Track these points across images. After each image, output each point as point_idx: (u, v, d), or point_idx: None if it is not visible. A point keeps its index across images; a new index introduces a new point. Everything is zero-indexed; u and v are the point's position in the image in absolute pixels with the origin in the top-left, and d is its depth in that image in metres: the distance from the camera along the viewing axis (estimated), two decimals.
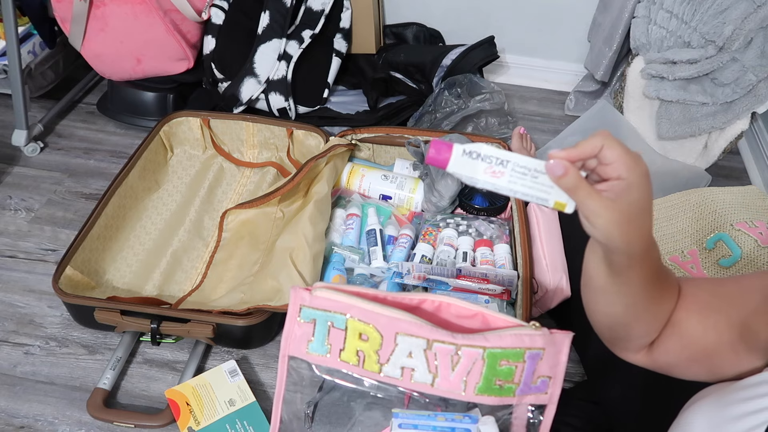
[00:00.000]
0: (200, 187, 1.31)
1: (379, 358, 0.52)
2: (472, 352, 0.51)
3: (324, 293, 0.53)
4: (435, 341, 0.51)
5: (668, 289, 0.55)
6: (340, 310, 0.52)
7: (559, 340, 0.53)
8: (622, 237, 0.45)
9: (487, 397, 0.53)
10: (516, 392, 0.53)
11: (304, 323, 0.53)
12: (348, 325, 0.52)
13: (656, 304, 0.54)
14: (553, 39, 1.67)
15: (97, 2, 1.27)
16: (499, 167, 0.45)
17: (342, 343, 0.53)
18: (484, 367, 0.51)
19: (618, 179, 0.43)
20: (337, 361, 0.54)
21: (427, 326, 0.52)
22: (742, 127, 1.33)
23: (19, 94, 1.32)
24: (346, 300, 0.52)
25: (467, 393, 0.52)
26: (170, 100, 1.45)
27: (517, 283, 1.01)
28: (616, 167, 0.43)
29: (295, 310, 0.54)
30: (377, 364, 0.53)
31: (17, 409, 0.96)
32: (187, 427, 0.90)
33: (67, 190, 1.34)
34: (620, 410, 0.83)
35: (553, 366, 0.54)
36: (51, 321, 1.09)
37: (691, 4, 1.29)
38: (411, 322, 0.51)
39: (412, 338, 0.51)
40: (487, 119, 1.45)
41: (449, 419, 0.52)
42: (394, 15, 1.68)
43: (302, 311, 0.53)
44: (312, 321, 0.53)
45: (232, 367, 0.98)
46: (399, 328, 0.52)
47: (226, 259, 1.16)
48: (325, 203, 1.13)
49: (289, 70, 1.39)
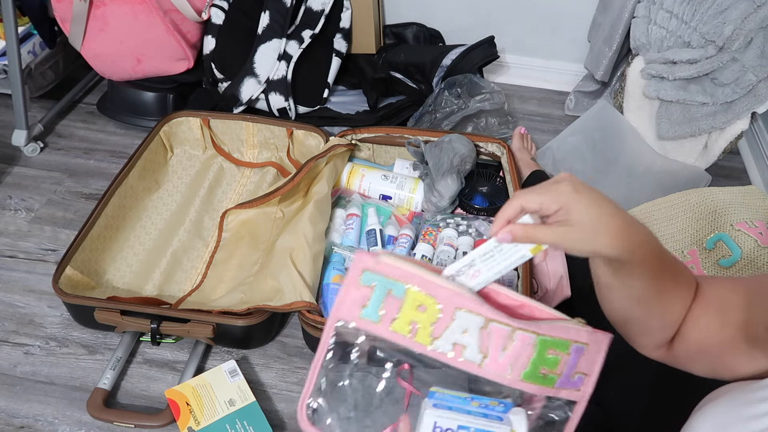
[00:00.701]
0: (200, 187, 1.31)
1: (433, 331, 0.52)
2: (526, 336, 0.51)
3: (389, 260, 0.52)
4: (492, 321, 0.51)
5: (679, 282, 0.56)
6: (402, 278, 0.52)
7: (600, 339, 0.53)
8: (603, 247, 0.48)
9: (529, 384, 0.52)
10: (556, 384, 0.53)
11: (363, 287, 0.53)
12: (408, 294, 0.52)
13: (667, 296, 0.55)
14: (553, 39, 1.67)
15: (97, 2, 1.27)
16: (472, 269, 0.53)
17: (396, 312, 0.52)
18: (534, 353, 0.51)
19: (556, 212, 0.49)
20: (387, 329, 0.53)
21: (487, 305, 0.51)
22: (742, 127, 1.33)
23: (19, 94, 1.32)
24: (411, 269, 0.52)
25: (512, 377, 0.52)
26: (170, 100, 1.45)
27: (517, 283, 1.01)
28: (547, 207, 0.49)
29: (357, 272, 0.53)
30: (429, 337, 0.52)
31: (17, 409, 0.96)
32: (187, 427, 0.90)
33: (67, 190, 1.34)
34: (621, 411, 0.83)
35: (591, 364, 0.54)
36: (51, 321, 1.09)
37: (691, 4, 1.29)
38: (472, 299, 0.51)
39: (471, 315, 0.51)
40: (487, 119, 1.45)
41: (483, 405, 0.52)
42: (394, 15, 1.68)
43: (364, 274, 0.52)
44: (371, 286, 0.52)
45: (232, 367, 0.98)
46: (460, 303, 0.51)
47: (226, 259, 1.16)
48: (325, 203, 1.13)
49: (289, 70, 1.39)
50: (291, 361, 1.05)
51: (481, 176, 1.31)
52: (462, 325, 0.51)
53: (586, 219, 0.48)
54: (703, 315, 0.56)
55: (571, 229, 0.48)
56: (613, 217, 0.48)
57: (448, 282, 0.52)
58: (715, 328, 0.55)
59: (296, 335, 1.09)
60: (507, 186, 1.25)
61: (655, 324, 0.57)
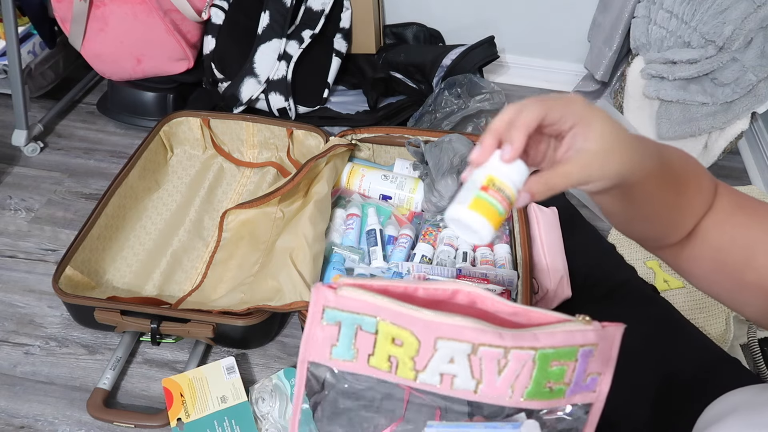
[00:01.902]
0: (200, 187, 1.31)
1: (415, 365, 0.47)
2: (522, 354, 0.45)
3: (350, 292, 0.47)
4: (481, 345, 0.45)
5: (696, 186, 0.53)
6: (369, 312, 0.46)
7: (611, 334, 0.48)
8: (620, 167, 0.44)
9: (535, 402, 0.47)
10: (566, 393, 0.48)
11: (327, 326, 0.47)
12: (379, 328, 0.46)
13: (684, 202, 0.53)
14: (553, 39, 1.67)
15: (97, 2, 1.27)
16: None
17: (371, 348, 0.47)
18: (534, 369, 0.46)
19: (570, 129, 0.43)
20: (365, 367, 0.48)
21: (472, 328, 0.45)
22: (742, 127, 1.33)
23: (19, 94, 1.32)
24: (377, 301, 0.46)
25: (514, 398, 0.47)
26: (170, 100, 1.45)
27: (517, 283, 1.01)
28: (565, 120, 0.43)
29: (317, 311, 0.47)
30: (413, 371, 0.47)
31: (17, 409, 0.96)
32: (177, 417, 0.90)
33: (67, 190, 1.34)
34: (620, 413, 0.83)
35: (605, 362, 0.48)
36: (51, 321, 1.09)
37: (691, 4, 1.29)
38: (453, 326, 0.45)
39: (455, 343, 0.45)
40: (487, 119, 1.44)
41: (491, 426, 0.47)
42: (394, 15, 1.68)
43: (325, 313, 0.47)
44: (337, 324, 0.47)
45: (230, 364, 0.98)
46: (440, 332, 0.45)
47: (226, 259, 1.16)
48: (325, 203, 1.13)
49: (289, 70, 1.39)
50: (291, 361, 1.05)
51: None
52: (447, 354, 0.46)
53: (605, 141, 0.43)
54: (712, 228, 0.53)
55: (592, 156, 0.43)
56: (625, 137, 0.45)
57: (423, 312, 0.46)
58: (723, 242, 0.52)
59: (296, 335, 1.09)
60: None
61: (664, 232, 0.54)
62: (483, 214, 0.44)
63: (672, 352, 0.85)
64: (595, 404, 0.49)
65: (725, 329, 1.03)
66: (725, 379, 0.75)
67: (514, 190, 0.45)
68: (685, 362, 0.83)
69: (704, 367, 0.81)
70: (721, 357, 0.85)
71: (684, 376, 0.77)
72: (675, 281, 1.14)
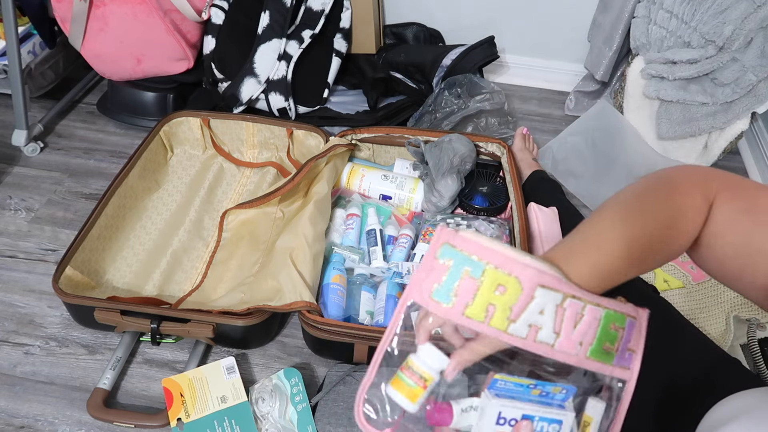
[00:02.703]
0: (200, 187, 1.31)
1: (510, 314, 0.48)
2: (595, 310, 0.49)
3: (470, 235, 0.49)
4: (568, 296, 0.48)
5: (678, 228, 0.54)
6: (482, 255, 0.48)
7: (641, 315, 0.52)
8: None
9: (593, 362, 0.50)
10: (614, 360, 0.51)
11: (439, 262, 0.49)
12: (485, 274, 0.48)
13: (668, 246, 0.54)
14: (553, 39, 1.67)
15: (97, 2, 1.27)
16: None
17: (471, 297, 0.48)
18: (598, 328, 0.49)
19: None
20: (459, 316, 0.49)
21: (564, 280, 0.49)
22: (742, 127, 1.33)
23: (19, 94, 1.32)
24: (492, 245, 0.48)
25: (580, 355, 0.49)
26: (170, 100, 1.45)
27: None
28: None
29: (435, 246, 0.50)
30: (506, 321, 0.48)
31: (17, 409, 0.96)
32: (177, 417, 0.90)
33: (67, 190, 1.34)
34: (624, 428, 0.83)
35: (638, 339, 0.52)
36: (51, 321, 1.09)
37: (691, 4, 1.29)
38: (553, 276, 0.48)
39: (551, 292, 0.48)
40: (487, 119, 1.45)
41: (544, 393, 0.50)
42: (394, 15, 1.68)
43: (442, 248, 0.49)
44: (448, 262, 0.49)
45: (230, 364, 0.98)
46: (542, 280, 0.48)
47: (226, 259, 1.16)
48: (325, 203, 1.13)
49: (289, 70, 1.39)
50: (291, 361, 1.05)
51: (481, 176, 1.31)
52: (540, 304, 0.48)
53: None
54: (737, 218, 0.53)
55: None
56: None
57: (532, 259, 0.49)
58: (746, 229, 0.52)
59: (296, 335, 1.09)
60: (507, 186, 1.25)
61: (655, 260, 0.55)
62: (399, 390, 0.51)
63: (672, 353, 0.85)
64: (629, 382, 0.52)
65: (725, 329, 1.03)
66: (725, 380, 0.75)
67: (428, 371, 0.51)
68: (685, 363, 0.83)
69: (704, 367, 0.81)
70: (721, 357, 0.84)
71: (684, 377, 0.77)
72: (675, 281, 1.14)
